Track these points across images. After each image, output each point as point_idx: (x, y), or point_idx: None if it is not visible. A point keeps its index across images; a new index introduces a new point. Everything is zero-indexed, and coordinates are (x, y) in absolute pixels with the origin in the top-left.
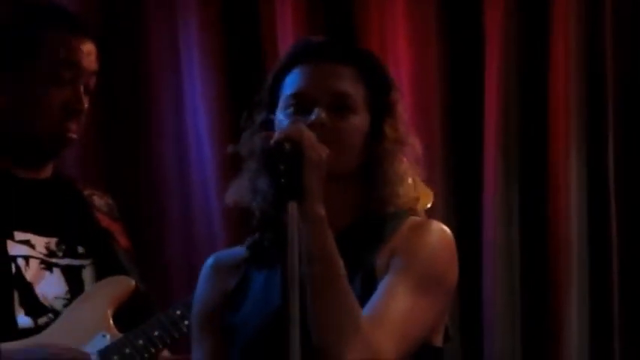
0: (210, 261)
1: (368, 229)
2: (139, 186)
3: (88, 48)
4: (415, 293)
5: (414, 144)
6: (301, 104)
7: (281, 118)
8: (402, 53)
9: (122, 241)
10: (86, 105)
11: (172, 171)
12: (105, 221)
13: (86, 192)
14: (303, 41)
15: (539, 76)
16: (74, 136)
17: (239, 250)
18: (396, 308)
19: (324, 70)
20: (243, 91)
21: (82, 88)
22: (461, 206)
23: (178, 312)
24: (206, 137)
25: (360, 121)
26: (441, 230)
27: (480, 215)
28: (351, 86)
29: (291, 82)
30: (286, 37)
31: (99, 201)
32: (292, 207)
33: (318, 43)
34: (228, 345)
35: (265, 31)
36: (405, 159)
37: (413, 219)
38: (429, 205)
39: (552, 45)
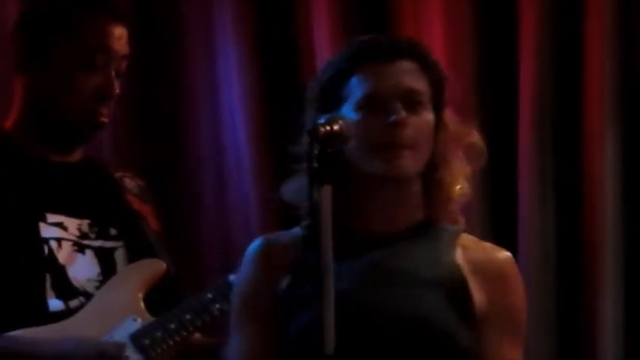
0: (258, 243)
1: (428, 232)
2: (175, 174)
3: (120, 32)
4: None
5: (473, 133)
6: (376, 105)
7: (353, 117)
8: (438, 50)
9: (153, 223)
10: (117, 89)
11: (208, 159)
12: (136, 204)
13: (117, 174)
14: (362, 42)
15: (573, 67)
16: (105, 120)
17: (288, 234)
18: None
19: (393, 68)
20: (278, 81)
21: (113, 73)
22: (495, 199)
23: (210, 295)
24: (241, 124)
25: (430, 116)
26: (517, 270)
27: (515, 209)
28: (419, 82)
29: (360, 84)
30: (321, 30)
31: (130, 183)
32: (325, 190)
33: (377, 43)
34: (284, 319)
35: (300, 22)
36: (460, 154)
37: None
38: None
39: (587, 33)
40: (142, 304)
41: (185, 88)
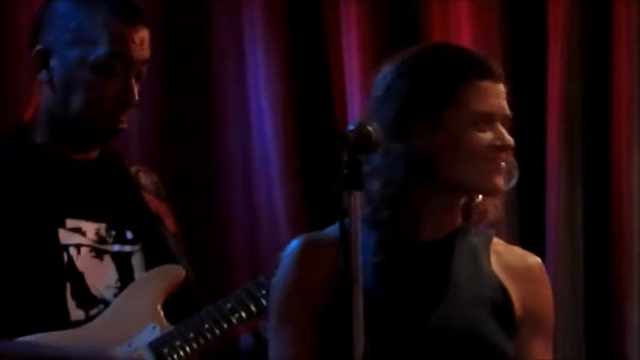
0: (299, 242)
1: (462, 241)
2: (203, 180)
3: (141, 36)
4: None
5: None
6: (487, 122)
7: (470, 133)
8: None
9: (169, 224)
10: (137, 96)
11: (236, 165)
12: (153, 203)
13: (132, 170)
14: (471, 54)
15: (602, 73)
16: (124, 126)
17: (327, 234)
18: None
19: (499, 89)
20: (307, 87)
21: (133, 80)
22: (524, 202)
23: (229, 305)
24: (269, 131)
25: None
26: (546, 274)
27: (543, 209)
28: None
29: (475, 97)
30: (350, 37)
31: (145, 179)
32: (354, 196)
33: (486, 60)
34: (332, 329)
35: (329, 29)
36: None
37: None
38: None
39: (615, 38)
40: (161, 312)
41: (214, 95)
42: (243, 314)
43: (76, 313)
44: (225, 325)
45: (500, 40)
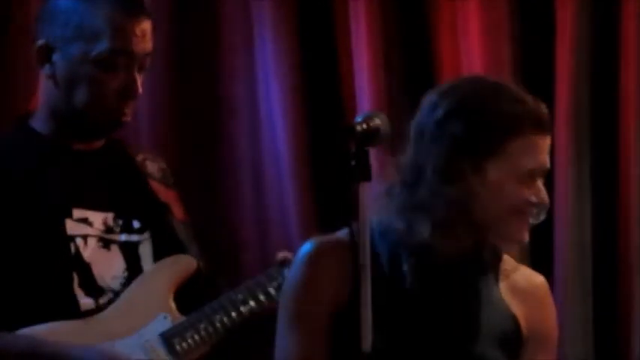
0: (312, 246)
1: (475, 263)
2: (213, 182)
3: (143, 28)
4: None
5: None
6: (532, 178)
7: (507, 184)
8: (474, 53)
9: (177, 211)
10: (140, 86)
11: (246, 166)
12: (160, 191)
13: (139, 158)
14: (530, 104)
15: (610, 68)
16: (128, 118)
17: (337, 238)
18: None
19: (546, 144)
20: (318, 89)
21: (136, 73)
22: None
23: (240, 296)
24: (281, 133)
25: None
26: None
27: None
28: None
29: (525, 151)
30: (359, 23)
31: (152, 167)
32: (363, 188)
33: (542, 109)
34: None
35: (338, 16)
36: None
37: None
38: None
39: (623, 41)
40: (173, 302)
41: (223, 90)
42: (254, 305)
43: (85, 302)
44: (236, 317)
45: (509, 36)
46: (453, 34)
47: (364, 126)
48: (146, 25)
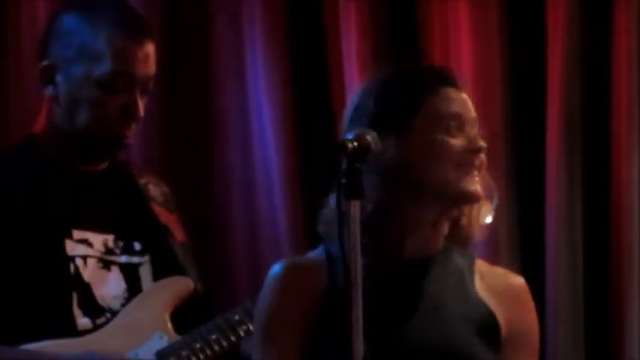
0: (282, 266)
1: (449, 260)
2: (203, 189)
3: (146, 51)
4: None
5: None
6: (457, 127)
7: (432, 136)
8: (464, 49)
9: (178, 234)
10: (142, 109)
11: (236, 173)
12: (162, 214)
13: (142, 181)
14: (434, 69)
15: (602, 68)
16: (130, 141)
17: (311, 257)
18: None
19: (464, 97)
20: (308, 95)
21: (137, 96)
22: (524, 200)
23: (237, 317)
24: (270, 139)
25: None
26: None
27: (542, 207)
28: None
29: (443, 104)
30: (350, 33)
31: (154, 191)
32: (354, 206)
33: (448, 71)
34: (319, 350)
35: (328, 26)
36: None
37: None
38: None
39: (615, 43)
40: (169, 322)
41: (214, 100)
42: (251, 327)
43: (83, 322)
44: (232, 337)
45: (500, 39)
46: (444, 38)
47: (355, 144)
48: (149, 48)
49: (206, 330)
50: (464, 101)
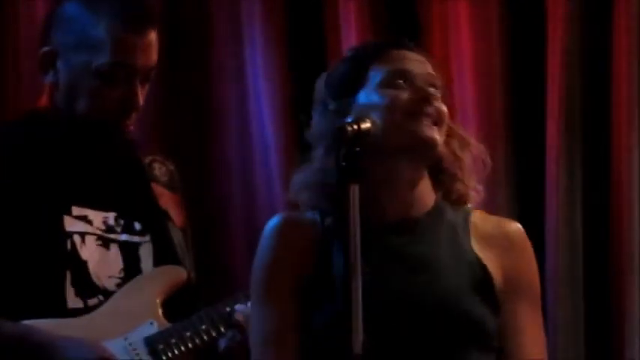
0: (278, 220)
1: (443, 216)
2: (203, 183)
3: (147, 42)
4: (541, 319)
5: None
6: (404, 82)
7: (379, 95)
8: (465, 47)
9: (177, 219)
10: (142, 98)
11: (236, 166)
12: (163, 196)
13: (147, 160)
14: (373, 40)
15: (602, 65)
16: (131, 127)
17: (306, 214)
18: (542, 340)
19: (413, 55)
20: (307, 87)
21: (137, 86)
22: (524, 194)
23: (228, 309)
24: (270, 132)
25: (445, 107)
26: (526, 236)
27: (542, 206)
28: (435, 73)
29: (384, 66)
30: (349, 29)
31: (159, 169)
32: (353, 190)
33: (395, 38)
34: (310, 306)
35: (328, 25)
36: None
37: (489, 217)
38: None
39: (615, 38)
40: (160, 310)
41: (212, 93)
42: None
43: (74, 302)
44: (222, 327)
45: (500, 37)
46: (444, 37)
47: (355, 127)
48: (151, 38)
49: (197, 319)
50: (412, 59)
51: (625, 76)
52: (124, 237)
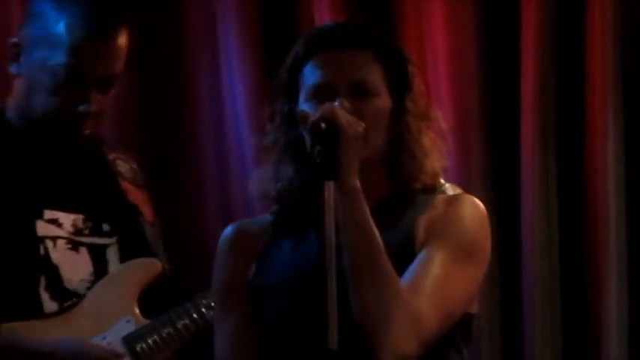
0: (230, 230)
1: (400, 202)
2: (178, 172)
3: (110, 49)
4: (451, 263)
5: (437, 117)
6: (324, 94)
7: (305, 108)
8: (440, 42)
9: (147, 213)
10: (101, 105)
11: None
12: (130, 192)
13: (110, 156)
14: (315, 31)
15: (575, 66)
16: (87, 132)
17: (259, 220)
18: (432, 277)
19: (340, 58)
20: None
21: (93, 92)
22: (498, 181)
23: (205, 301)
24: (244, 120)
25: (381, 102)
26: (474, 203)
27: (518, 193)
28: (368, 70)
29: (311, 73)
30: (323, 19)
31: (123, 166)
32: (329, 187)
33: (330, 31)
34: (254, 310)
35: (302, 21)
36: (430, 133)
37: (445, 194)
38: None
39: (589, 32)
40: (136, 306)
41: (188, 84)
42: None
43: (50, 305)
44: (201, 322)
45: (475, 34)
46: (419, 34)
47: (324, 125)
48: (114, 45)
49: (175, 315)
50: (337, 65)
51: (599, 63)
52: (91, 239)
